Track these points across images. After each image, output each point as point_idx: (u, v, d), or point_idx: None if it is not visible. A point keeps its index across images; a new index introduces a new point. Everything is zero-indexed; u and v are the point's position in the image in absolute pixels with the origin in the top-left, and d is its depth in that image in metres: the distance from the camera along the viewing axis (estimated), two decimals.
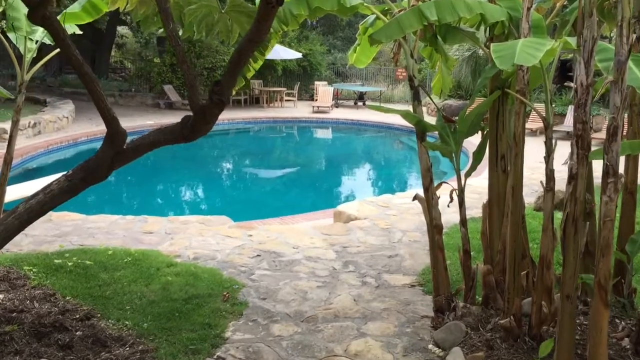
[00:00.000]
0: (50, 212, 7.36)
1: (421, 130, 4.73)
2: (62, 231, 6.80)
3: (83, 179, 4.11)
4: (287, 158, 17.61)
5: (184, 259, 6.07)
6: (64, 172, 4.26)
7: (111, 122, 3.93)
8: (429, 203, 4.71)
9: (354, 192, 13.39)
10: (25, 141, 14.70)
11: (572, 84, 2.87)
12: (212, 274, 5.58)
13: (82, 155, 15.31)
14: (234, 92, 16.62)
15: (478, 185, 9.50)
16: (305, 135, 21.61)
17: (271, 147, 19.18)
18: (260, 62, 4.97)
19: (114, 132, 3.99)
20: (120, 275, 5.39)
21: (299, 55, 24.12)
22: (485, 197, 8.79)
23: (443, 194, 5.00)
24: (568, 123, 17.65)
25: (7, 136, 14.84)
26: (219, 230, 7.04)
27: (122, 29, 31.20)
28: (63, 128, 16.60)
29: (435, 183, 4.77)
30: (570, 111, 18.40)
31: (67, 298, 4.87)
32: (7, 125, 14.62)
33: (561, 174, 4.21)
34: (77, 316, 4.54)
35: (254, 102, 24.61)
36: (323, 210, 9.47)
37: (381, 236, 7.07)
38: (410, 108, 4.81)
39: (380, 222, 7.62)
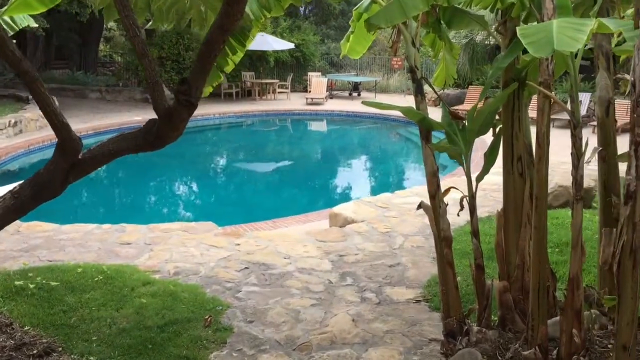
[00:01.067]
0: (19, 223, 6.77)
1: (426, 128, 4.12)
2: (30, 244, 6.19)
3: (32, 197, 3.51)
4: (279, 154, 16.96)
5: (164, 274, 5.47)
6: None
7: (61, 130, 3.33)
8: (436, 212, 4.12)
9: (351, 189, 12.81)
10: (6, 141, 14.07)
11: (627, 76, 2.27)
12: (193, 293, 4.98)
13: None
14: (225, 85, 15.77)
15: (484, 180, 8.90)
16: (299, 129, 20.98)
17: (263, 142, 18.52)
18: (241, 54, 4.36)
19: (66, 141, 3.38)
20: (89, 297, 4.79)
21: (291, 45, 23.45)
22: (488, 194, 8.24)
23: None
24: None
25: None
26: (204, 239, 6.43)
27: (111, 22, 30.43)
28: (46, 126, 15.84)
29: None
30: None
31: (26, 328, 4.28)
32: None
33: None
34: (35, 351, 3.95)
35: (246, 94, 23.93)
36: (318, 212, 8.91)
37: (381, 242, 6.48)
38: (408, 99, 4.23)
39: (380, 225, 7.03)
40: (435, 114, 4.41)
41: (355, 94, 25.19)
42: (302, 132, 20.73)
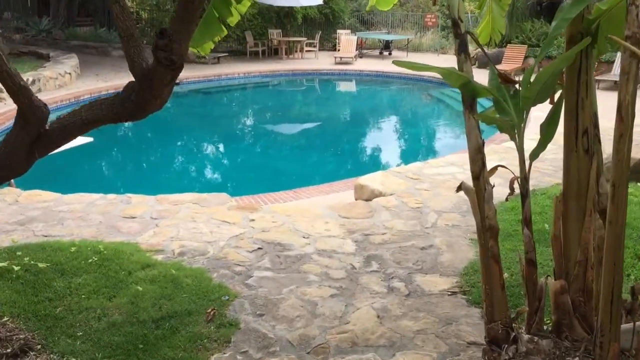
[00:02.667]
0: (18, 192, 6.27)
1: (470, 95, 3.39)
2: (27, 216, 5.68)
3: None
4: (305, 117, 16.17)
5: (167, 255, 4.90)
6: None
7: (19, 95, 2.70)
8: (480, 196, 3.42)
9: (379, 156, 12.06)
10: None
11: None
12: (197, 279, 4.40)
13: None
14: (251, 43, 14.89)
15: (526, 147, 8.10)
16: (327, 89, 20.14)
17: (288, 103, 17.77)
18: (247, 3, 3.65)
19: (27, 108, 2.75)
20: (81, 283, 4.25)
21: (319, 1, 22.43)
22: (534, 163, 7.46)
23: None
24: (615, 72, 16.11)
25: (5, 95, 13.84)
26: (215, 214, 5.84)
27: None
28: (65, 85, 15.44)
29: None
30: (618, 58, 16.69)
31: (4, 319, 3.76)
32: None
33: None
34: (9, 350, 3.43)
35: (273, 53, 23.11)
36: (344, 180, 8.27)
37: (411, 219, 5.81)
38: (442, 59, 3.50)
39: (410, 199, 6.34)
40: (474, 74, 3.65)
41: (386, 53, 24.17)
42: (329, 93, 19.90)
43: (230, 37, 22.36)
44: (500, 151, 8.18)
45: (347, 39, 22.47)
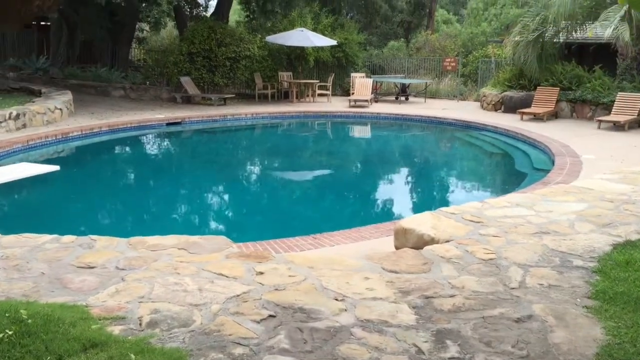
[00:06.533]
0: None
1: None
2: None
3: None
4: (319, 159, 14.37)
5: (130, 326, 3.17)
6: None
7: None
8: None
9: (409, 200, 10.33)
10: (4, 135, 12.14)
11: None
12: None
13: (73, 152, 12.69)
14: (260, 86, 13.36)
15: (602, 188, 6.49)
16: (341, 132, 18.55)
17: (300, 146, 16.15)
18: None
19: None
20: None
21: (333, 42, 21.24)
22: (620, 207, 5.76)
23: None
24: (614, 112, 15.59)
25: None
26: (208, 264, 4.12)
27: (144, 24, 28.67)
28: (55, 121, 13.98)
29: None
30: (617, 100, 15.69)
31: None
32: None
33: None
34: None
35: (283, 96, 21.76)
36: (375, 225, 6.58)
37: (487, 275, 4.08)
38: (461, 105, 1.94)
39: (477, 247, 4.62)
40: (500, 119, 2.11)
41: (402, 98, 22.76)
42: (344, 135, 18.30)
43: (238, 79, 21.12)
44: (574, 191, 6.51)
45: (361, 82, 21.12)
